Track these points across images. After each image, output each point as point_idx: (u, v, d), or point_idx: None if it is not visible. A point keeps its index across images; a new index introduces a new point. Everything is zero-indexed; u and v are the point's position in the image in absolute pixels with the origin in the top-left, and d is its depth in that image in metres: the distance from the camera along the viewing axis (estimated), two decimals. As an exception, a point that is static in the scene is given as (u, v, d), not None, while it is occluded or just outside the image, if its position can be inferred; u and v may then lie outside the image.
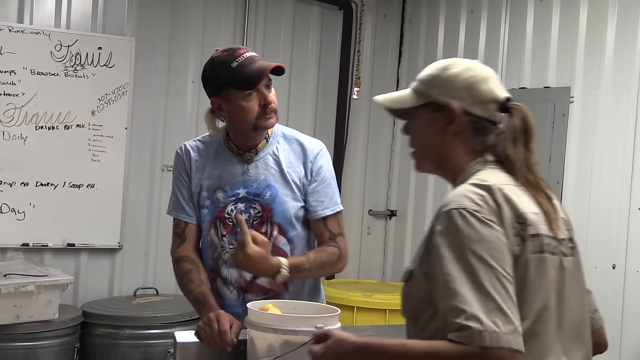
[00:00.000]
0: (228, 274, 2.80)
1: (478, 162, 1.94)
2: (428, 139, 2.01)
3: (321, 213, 2.82)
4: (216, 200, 2.78)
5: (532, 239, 1.80)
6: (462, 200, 1.77)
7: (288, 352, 2.27)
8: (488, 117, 1.93)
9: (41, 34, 4.70)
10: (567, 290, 1.87)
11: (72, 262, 4.88)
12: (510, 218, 1.78)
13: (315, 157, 2.83)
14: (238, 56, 2.67)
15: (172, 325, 4.34)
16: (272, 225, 2.78)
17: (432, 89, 1.97)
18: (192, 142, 2.89)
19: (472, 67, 1.97)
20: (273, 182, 2.77)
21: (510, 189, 1.84)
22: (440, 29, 5.67)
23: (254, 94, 2.65)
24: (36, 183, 4.73)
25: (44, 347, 4.18)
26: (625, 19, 4.37)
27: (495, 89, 1.94)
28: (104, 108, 4.90)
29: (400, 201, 5.92)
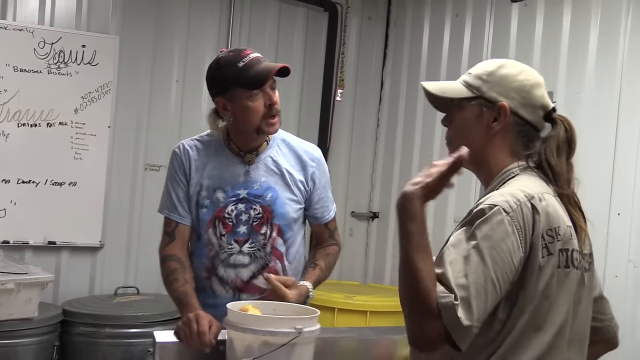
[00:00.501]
0: (224, 273, 2.83)
1: (517, 167, 1.93)
2: (470, 133, 1.99)
3: (327, 217, 2.98)
4: (216, 200, 2.80)
5: (560, 253, 1.81)
6: (498, 199, 1.79)
7: (267, 353, 2.28)
8: (534, 122, 1.95)
9: (24, 31, 4.68)
10: (582, 304, 1.91)
11: (52, 260, 4.87)
12: (543, 230, 1.79)
13: (317, 162, 2.92)
14: (244, 56, 2.70)
15: (153, 324, 4.34)
16: (272, 226, 2.83)
17: (484, 84, 1.97)
18: (190, 142, 2.90)
19: (527, 71, 1.98)
20: (274, 185, 2.83)
21: (550, 199, 1.85)
22: (425, 32, 5.68)
23: (260, 94, 2.69)
24: (17, 180, 4.71)
25: (23, 345, 4.16)
26: (608, 25, 4.40)
27: (546, 97, 1.97)
28: (87, 106, 4.89)
29: (382, 203, 5.94)
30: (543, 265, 1.78)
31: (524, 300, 1.78)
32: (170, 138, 5.26)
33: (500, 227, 1.74)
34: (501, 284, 1.72)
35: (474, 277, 1.69)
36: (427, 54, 5.64)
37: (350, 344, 2.79)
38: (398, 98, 5.86)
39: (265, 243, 2.83)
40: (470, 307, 1.67)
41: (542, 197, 1.83)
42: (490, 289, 1.71)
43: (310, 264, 2.92)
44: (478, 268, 1.70)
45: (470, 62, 5.23)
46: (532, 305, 1.78)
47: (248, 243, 2.81)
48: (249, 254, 2.82)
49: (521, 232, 1.76)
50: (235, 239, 2.79)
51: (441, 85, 2.07)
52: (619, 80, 4.31)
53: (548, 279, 1.78)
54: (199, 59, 5.33)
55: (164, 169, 5.21)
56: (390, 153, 5.90)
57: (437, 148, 5.46)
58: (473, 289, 1.69)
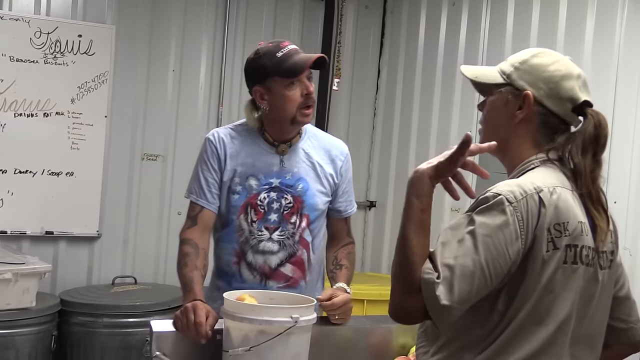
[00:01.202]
0: (253, 259, 2.88)
1: (539, 158, 1.92)
2: (497, 119, 2.00)
3: (350, 212, 3.08)
4: (248, 187, 2.86)
5: (567, 248, 1.80)
6: (503, 189, 1.79)
7: (263, 342, 2.29)
8: (560, 114, 1.92)
9: (20, 21, 4.68)
10: (595, 302, 1.88)
11: (50, 250, 4.88)
12: (549, 223, 1.78)
13: (345, 157, 3.02)
14: (283, 47, 2.78)
15: (150, 314, 4.34)
16: (302, 216, 2.90)
17: (515, 72, 1.96)
18: (225, 130, 2.96)
19: (561, 61, 1.95)
20: (305, 176, 2.90)
21: (563, 193, 1.83)
22: (422, 21, 5.67)
23: (297, 83, 2.77)
24: (15, 170, 4.72)
25: (21, 334, 4.17)
26: (604, 15, 4.39)
27: (577, 89, 1.92)
28: (83, 96, 4.89)
29: (379, 192, 5.94)
30: (547, 259, 1.77)
31: (524, 293, 1.77)
32: (167, 127, 5.27)
33: (500, 216, 1.74)
34: (491, 272, 1.72)
35: (462, 260, 1.70)
36: (424, 42, 5.64)
37: (346, 332, 2.81)
38: (395, 87, 5.86)
39: (294, 232, 2.89)
40: (452, 288, 1.68)
41: (554, 190, 1.82)
42: (478, 274, 1.71)
43: (336, 266, 2.97)
44: (468, 252, 1.71)
45: (467, 51, 5.24)
46: (534, 298, 1.77)
47: (278, 231, 2.86)
48: (278, 241, 2.87)
49: (522, 224, 1.75)
50: (266, 226, 2.85)
51: (477, 70, 2.08)
52: (615, 69, 4.31)
53: (552, 273, 1.77)
54: (195, 48, 5.33)
55: (161, 158, 5.25)
56: (387, 142, 5.90)
57: (434, 137, 5.47)
58: (458, 271, 1.70)
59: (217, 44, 5.41)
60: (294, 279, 2.89)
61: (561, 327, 1.80)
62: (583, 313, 1.85)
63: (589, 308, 1.87)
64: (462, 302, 1.70)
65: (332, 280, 2.91)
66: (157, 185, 5.28)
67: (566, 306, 1.80)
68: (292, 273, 2.89)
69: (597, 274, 1.87)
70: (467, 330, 1.82)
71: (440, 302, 1.67)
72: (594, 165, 1.89)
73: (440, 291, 1.67)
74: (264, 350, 2.29)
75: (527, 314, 1.78)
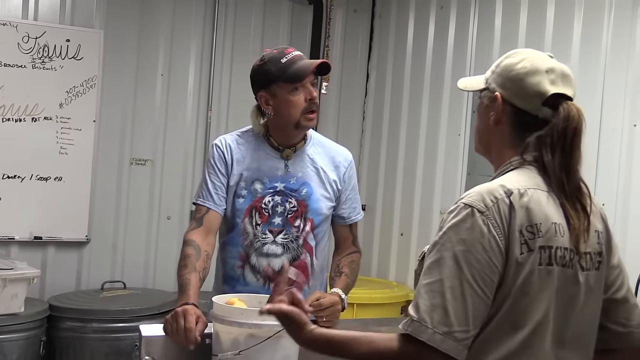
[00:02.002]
0: (257, 262, 2.91)
1: (516, 160, 1.90)
2: (480, 123, 2.01)
3: (354, 219, 3.10)
4: (254, 191, 2.90)
5: (542, 250, 1.76)
6: (475, 197, 1.77)
7: (252, 345, 2.28)
8: (530, 110, 1.87)
9: (8, 25, 4.67)
10: (580, 304, 1.84)
11: (39, 256, 4.87)
12: (521, 226, 1.75)
13: (349, 164, 3.07)
14: (287, 53, 2.83)
15: (140, 318, 4.32)
16: (306, 220, 2.93)
17: (492, 75, 1.96)
18: (231, 136, 3.00)
19: (529, 58, 1.92)
20: (309, 180, 2.94)
21: (535, 195, 1.80)
22: (410, 24, 5.69)
23: (300, 88, 2.81)
24: (3, 175, 4.71)
25: (9, 340, 4.16)
26: (591, 17, 4.41)
27: (544, 84, 1.87)
28: (72, 101, 4.88)
29: (369, 195, 5.94)
30: (522, 261, 1.74)
31: (501, 296, 1.74)
32: (156, 132, 5.26)
33: (475, 229, 1.72)
34: (481, 286, 1.70)
35: (449, 283, 1.68)
36: (413, 46, 5.65)
37: (336, 336, 2.81)
38: (384, 91, 5.87)
39: (298, 235, 2.92)
40: (447, 312, 1.66)
41: (525, 192, 1.79)
42: (470, 292, 1.69)
43: (337, 273, 3.00)
44: (453, 273, 1.69)
45: (455, 54, 5.25)
46: (509, 300, 1.74)
47: (282, 234, 2.90)
48: (282, 244, 2.90)
49: (498, 230, 1.73)
50: (270, 229, 2.89)
51: (467, 81, 2.09)
52: (602, 71, 4.33)
53: (527, 275, 1.74)
54: (184, 52, 5.33)
55: (150, 163, 5.24)
56: (376, 145, 5.91)
57: (422, 140, 5.48)
58: (449, 294, 1.67)
59: (205, 48, 5.41)
60: (297, 283, 2.86)
61: (537, 329, 1.77)
62: (564, 315, 1.82)
63: (571, 310, 1.83)
64: (462, 323, 1.67)
65: (331, 287, 2.93)
66: (146, 189, 5.27)
67: (542, 308, 1.77)
68: (296, 277, 2.88)
69: (577, 275, 1.83)
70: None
71: (441, 332, 1.65)
72: (565, 160, 1.85)
73: (435, 321, 1.66)
74: (253, 354, 2.28)
75: (503, 317, 1.75)
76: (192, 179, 5.30)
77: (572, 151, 1.85)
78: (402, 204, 5.64)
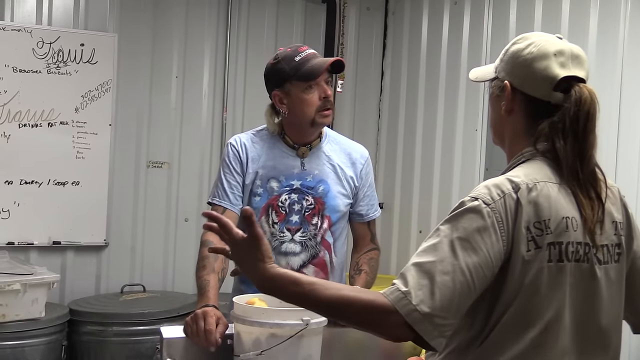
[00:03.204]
0: (276, 260, 2.84)
1: (528, 151, 1.86)
2: (493, 114, 1.99)
3: (372, 216, 3.07)
4: (270, 189, 2.89)
5: (551, 246, 1.72)
6: (481, 191, 1.75)
7: (274, 345, 2.29)
8: (541, 97, 1.83)
9: (22, 31, 4.69)
10: (600, 299, 1.80)
11: (58, 260, 4.89)
12: (528, 222, 1.72)
13: (365, 161, 3.06)
14: (301, 52, 2.82)
15: (160, 321, 4.33)
16: (323, 218, 2.92)
17: (499, 63, 1.94)
18: (246, 135, 2.99)
19: (536, 42, 1.87)
20: (326, 178, 2.93)
21: (545, 188, 1.76)
22: (424, 21, 5.68)
23: (314, 87, 2.80)
24: (20, 181, 4.73)
25: (31, 345, 4.18)
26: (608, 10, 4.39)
27: (553, 67, 1.82)
28: (87, 105, 4.90)
29: (387, 193, 5.94)
30: (529, 259, 1.71)
31: (508, 295, 1.72)
32: (172, 134, 5.28)
33: (478, 219, 1.70)
34: (473, 277, 1.66)
35: (441, 266, 1.65)
36: (427, 42, 5.64)
37: (357, 334, 2.78)
38: (399, 88, 5.86)
39: (316, 233, 2.91)
40: (433, 294, 1.63)
41: (535, 186, 1.75)
42: (460, 280, 1.65)
43: (356, 271, 2.98)
44: (448, 258, 1.67)
45: (470, 50, 5.24)
46: (518, 300, 1.71)
47: (300, 232, 2.89)
48: (300, 242, 2.90)
49: (502, 225, 1.70)
50: (288, 228, 2.88)
51: (478, 71, 2.07)
52: (620, 65, 4.31)
53: (536, 273, 1.71)
54: (198, 53, 5.34)
55: (166, 165, 5.26)
56: (392, 143, 5.90)
57: (439, 137, 5.47)
58: (439, 277, 1.64)
59: (219, 49, 5.42)
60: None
61: (548, 327, 1.73)
62: (585, 312, 1.79)
63: (591, 306, 1.80)
64: (445, 309, 1.63)
65: (351, 285, 2.91)
66: (163, 192, 5.28)
67: (553, 306, 1.74)
68: (315, 275, 2.89)
69: (594, 269, 1.79)
70: (457, 334, 1.77)
71: (422, 311, 1.61)
72: (579, 145, 1.79)
73: (419, 299, 1.62)
74: (275, 354, 2.28)
75: (512, 316, 1.72)
76: (209, 181, 5.30)
77: (585, 136, 1.79)
78: (420, 201, 5.64)
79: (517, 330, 1.73)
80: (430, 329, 1.62)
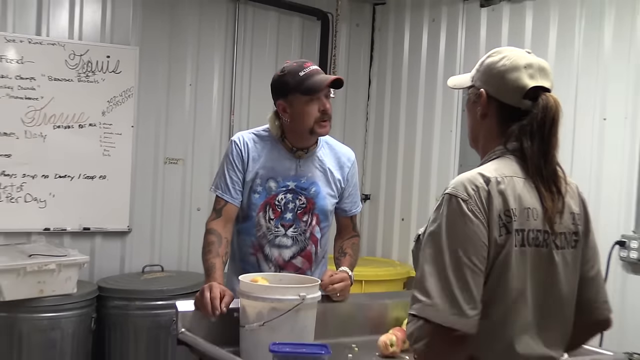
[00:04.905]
0: (270, 252, 2.89)
1: (499, 150, 1.86)
2: (469, 118, 1.98)
3: (355, 211, 3.08)
4: (268, 188, 2.86)
5: (517, 232, 1.74)
6: (458, 188, 1.74)
7: (275, 317, 2.31)
8: (512, 103, 1.83)
9: (57, 45, 4.69)
10: (558, 279, 1.82)
11: (87, 244, 4.89)
12: (499, 211, 1.73)
13: (352, 164, 3.03)
14: (305, 68, 2.78)
15: (176, 297, 4.34)
16: (313, 216, 2.90)
17: (476, 73, 1.93)
18: (248, 134, 2.94)
19: (508, 56, 1.87)
20: (317, 180, 2.90)
21: (512, 182, 1.77)
22: (406, 36, 5.69)
23: (315, 100, 2.75)
24: (55, 175, 4.73)
25: (65, 317, 4.19)
26: (565, 28, 4.42)
27: (523, 78, 1.82)
28: (113, 109, 4.90)
29: (373, 186, 5.96)
30: (501, 242, 1.72)
31: (485, 275, 1.72)
32: (186, 134, 5.28)
33: (462, 216, 1.70)
34: (477, 264, 1.68)
35: (452, 269, 1.67)
36: (408, 54, 5.65)
37: (348, 308, 2.82)
38: (384, 94, 5.88)
39: (305, 229, 2.90)
40: (454, 295, 1.65)
41: (502, 180, 1.76)
42: (469, 273, 1.67)
43: (341, 254, 2.99)
44: (452, 260, 1.68)
45: (446, 61, 5.26)
46: (491, 278, 1.72)
47: (292, 228, 2.88)
48: (292, 237, 2.89)
49: (481, 213, 1.71)
50: (282, 224, 2.86)
51: (455, 80, 2.06)
52: (575, 76, 4.34)
53: (506, 255, 1.72)
54: (209, 64, 5.34)
55: (181, 162, 5.27)
56: (378, 142, 5.92)
57: (419, 136, 5.49)
58: (453, 279, 1.66)
59: (227, 60, 5.42)
60: (302, 270, 2.91)
61: (514, 303, 1.75)
62: (544, 290, 1.80)
63: (549, 285, 1.81)
64: (468, 302, 1.66)
65: (337, 266, 2.92)
66: (179, 185, 5.29)
67: (519, 284, 1.75)
68: (302, 264, 2.91)
69: (552, 253, 1.80)
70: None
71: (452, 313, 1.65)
72: (544, 146, 1.81)
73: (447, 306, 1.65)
74: (275, 325, 2.31)
75: (485, 293, 1.72)
76: (219, 175, 5.29)
77: (549, 138, 1.81)
78: (402, 192, 5.66)
79: (488, 306, 1.73)
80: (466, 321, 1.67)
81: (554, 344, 1.85)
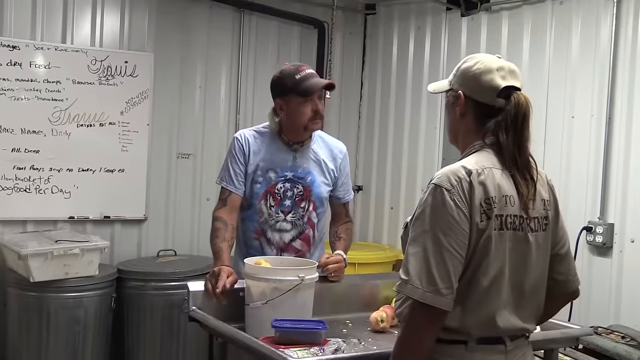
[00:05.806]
0: (271, 235, 2.89)
1: (478, 144, 1.87)
2: (448, 118, 1.99)
3: (347, 199, 3.07)
4: (268, 178, 2.87)
5: (496, 218, 1.76)
6: (442, 179, 1.76)
7: (277, 296, 2.32)
8: (487, 102, 1.85)
9: (80, 52, 4.68)
10: (532, 258, 1.84)
11: (108, 231, 4.89)
12: (480, 199, 1.74)
13: (344, 156, 3.03)
14: (302, 71, 2.79)
15: (188, 278, 4.32)
16: (310, 202, 2.91)
17: (453, 78, 1.95)
18: (249, 131, 2.95)
19: (482, 61, 1.89)
20: (312, 170, 2.91)
21: (491, 172, 1.79)
22: (394, 43, 5.69)
23: (309, 101, 2.76)
24: (78, 169, 4.73)
25: (88, 297, 4.19)
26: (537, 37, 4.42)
27: (496, 79, 1.84)
28: (130, 109, 4.90)
29: (365, 178, 5.96)
30: (482, 228, 1.74)
31: (467, 256, 1.75)
32: (196, 132, 5.28)
33: (445, 205, 1.72)
34: (457, 249, 1.70)
35: (432, 251, 1.69)
36: (397, 59, 5.65)
37: (343, 287, 2.84)
38: (375, 95, 5.88)
39: (303, 214, 2.91)
40: (432, 275, 1.68)
41: (482, 171, 1.78)
42: (448, 256, 1.69)
43: (336, 238, 2.99)
44: (433, 243, 1.70)
45: (431, 65, 5.26)
46: (474, 260, 1.75)
47: (291, 214, 2.88)
48: (291, 222, 2.89)
49: (463, 203, 1.73)
50: (282, 210, 2.87)
51: (435, 85, 2.07)
52: (546, 78, 4.35)
53: (486, 239, 1.74)
54: (217, 69, 5.34)
55: (192, 157, 5.27)
56: (370, 138, 5.92)
57: (407, 133, 5.49)
58: (433, 260, 1.69)
59: (233, 64, 5.42)
60: (301, 252, 2.91)
61: (494, 281, 1.77)
62: (520, 268, 1.82)
63: (525, 264, 1.83)
64: (444, 282, 1.69)
65: (333, 249, 2.93)
66: (190, 177, 5.29)
67: (498, 264, 1.77)
68: (301, 247, 2.91)
69: (527, 236, 1.82)
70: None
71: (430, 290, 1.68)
72: (518, 138, 1.82)
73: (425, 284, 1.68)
74: (277, 303, 2.32)
75: (471, 272, 1.75)
76: (226, 168, 5.28)
77: (522, 131, 1.84)
78: (391, 184, 5.66)
79: (471, 285, 1.76)
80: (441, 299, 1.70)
81: (528, 318, 1.88)
